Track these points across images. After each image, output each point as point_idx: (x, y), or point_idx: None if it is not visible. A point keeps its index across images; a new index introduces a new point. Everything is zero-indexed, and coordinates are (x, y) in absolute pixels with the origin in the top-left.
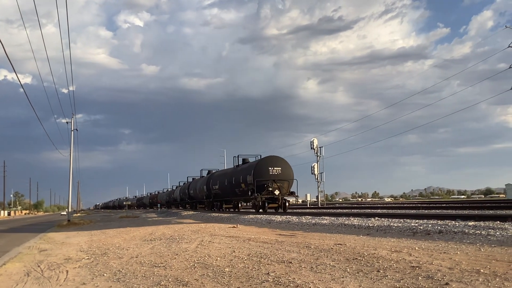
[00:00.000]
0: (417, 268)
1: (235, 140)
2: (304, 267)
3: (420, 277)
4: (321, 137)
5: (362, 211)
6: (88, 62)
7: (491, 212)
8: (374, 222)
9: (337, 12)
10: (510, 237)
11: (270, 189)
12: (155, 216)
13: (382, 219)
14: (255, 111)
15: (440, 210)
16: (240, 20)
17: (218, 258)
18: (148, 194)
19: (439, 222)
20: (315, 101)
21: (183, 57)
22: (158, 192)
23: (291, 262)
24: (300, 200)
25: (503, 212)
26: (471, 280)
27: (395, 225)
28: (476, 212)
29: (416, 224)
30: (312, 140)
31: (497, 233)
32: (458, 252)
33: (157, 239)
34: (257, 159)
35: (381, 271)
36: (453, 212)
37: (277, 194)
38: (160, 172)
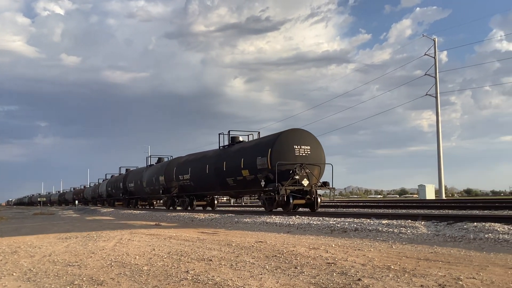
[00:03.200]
0: (332, 265)
1: (160, 136)
2: (224, 265)
3: (335, 273)
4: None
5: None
6: (3, 49)
7: (403, 211)
8: (295, 220)
9: (264, 12)
10: (420, 235)
11: (297, 177)
12: (73, 213)
13: (303, 217)
14: (181, 107)
15: (357, 209)
16: (167, 14)
17: (137, 257)
18: (72, 189)
19: (355, 220)
20: (242, 100)
21: (106, 49)
22: (84, 187)
23: (211, 260)
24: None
25: (415, 211)
26: (382, 276)
27: (314, 223)
28: (390, 211)
29: (334, 222)
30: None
31: (408, 231)
32: (372, 249)
33: (73, 237)
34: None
35: (299, 268)
36: (369, 210)
37: (306, 185)
38: (79, 167)
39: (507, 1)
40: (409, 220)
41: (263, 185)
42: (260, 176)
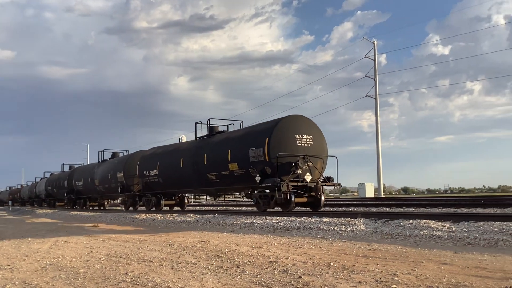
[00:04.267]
0: (274, 263)
1: (100, 134)
2: (165, 266)
3: (276, 272)
4: (191, 134)
5: (228, 208)
6: None
7: (344, 209)
8: (238, 219)
9: (209, 10)
10: (359, 233)
11: (299, 171)
12: (6, 214)
13: (246, 216)
14: (123, 105)
15: (299, 208)
16: (107, 9)
17: (74, 259)
18: (8, 189)
19: (298, 219)
20: (186, 98)
21: (43, 44)
22: (21, 186)
23: (151, 261)
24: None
25: (355, 209)
26: (322, 273)
27: (257, 222)
28: (331, 209)
29: (277, 221)
30: (181, 137)
31: (348, 229)
32: (313, 247)
33: (5, 239)
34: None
35: (241, 267)
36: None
37: (309, 180)
38: (16, 166)
39: (443, 7)
40: (349, 218)
41: (258, 181)
42: (253, 170)
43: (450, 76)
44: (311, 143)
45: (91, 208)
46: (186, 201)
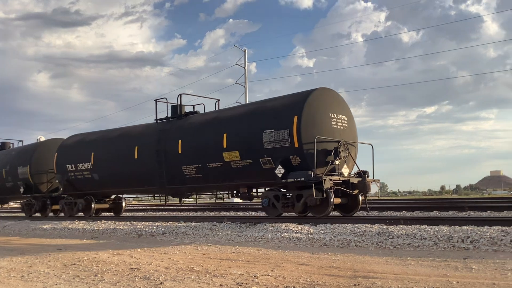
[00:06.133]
0: (135, 270)
1: None
2: (14, 276)
3: (137, 278)
4: (51, 135)
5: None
6: None
7: (212, 213)
8: (100, 225)
9: (74, 5)
10: (224, 236)
11: (337, 162)
12: None
13: (109, 222)
14: None
15: (166, 212)
16: None
17: None
18: None
19: (164, 224)
20: (47, 96)
21: None
22: None
23: None
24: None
25: (222, 213)
26: (184, 278)
27: (121, 228)
28: (198, 214)
29: (142, 227)
30: (38, 138)
31: (214, 233)
32: (178, 252)
33: None
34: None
35: (99, 275)
36: (179, 214)
37: (346, 174)
38: None
39: (308, 22)
40: (215, 222)
41: (280, 175)
42: (266, 160)
43: (314, 88)
44: (346, 125)
45: None
46: (123, 204)
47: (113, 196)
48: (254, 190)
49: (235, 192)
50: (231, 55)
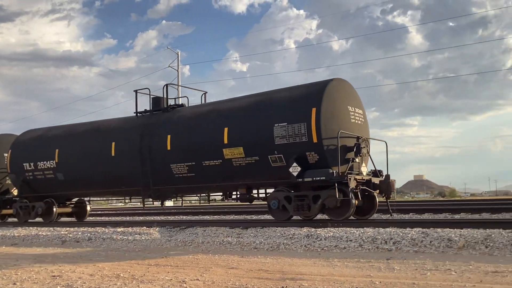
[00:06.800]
0: (58, 278)
1: None
2: None
3: (59, 286)
4: None
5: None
6: None
7: (141, 218)
8: (21, 231)
9: None
10: (153, 241)
11: (357, 160)
12: None
13: (30, 228)
14: None
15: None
16: None
17: None
18: None
19: (90, 229)
20: None
21: None
22: None
23: None
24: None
25: (152, 218)
26: (110, 285)
27: (43, 234)
28: (127, 218)
29: (66, 233)
30: None
31: (143, 237)
32: (104, 258)
33: None
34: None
35: (18, 284)
36: (107, 219)
37: (365, 172)
38: None
39: (242, 27)
40: (144, 227)
41: (296, 174)
42: (277, 158)
43: (247, 92)
44: (362, 120)
45: None
46: (88, 208)
47: (75, 199)
48: (254, 191)
49: (231, 193)
50: (164, 57)
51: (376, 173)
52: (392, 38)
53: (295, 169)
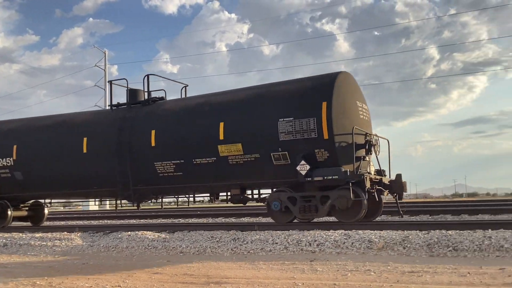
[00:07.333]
0: None
1: None
2: None
3: None
4: None
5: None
6: None
7: (62, 223)
8: None
9: None
10: (74, 247)
11: (367, 158)
12: None
13: None
14: None
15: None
16: None
17: None
18: None
19: (6, 235)
20: None
21: None
22: None
23: None
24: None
25: (74, 222)
26: None
27: None
28: (49, 223)
29: None
30: None
31: (63, 243)
32: (19, 266)
33: None
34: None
35: None
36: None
37: (372, 171)
38: None
39: (173, 28)
40: (65, 232)
41: (304, 173)
42: (280, 155)
43: (177, 95)
44: (368, 117)
45: None
46: (45, 211)
47: (30, 202)
48: (249, 192)
49: (219, 194)
50: (91, 56)
51: (380, 172)
52: (321, 45)
53: (303, 168)
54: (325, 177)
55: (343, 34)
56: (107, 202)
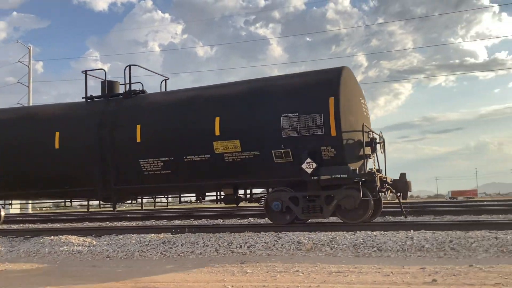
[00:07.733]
0: None
1: None
2: None
3: None
4: None
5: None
6: None
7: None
8: None
9: None
10: None
11: (372, 157)
12: None
13: None
14: None
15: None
16: None
17: None
18: None
19: None
20: None
21: None
22: None
23: None
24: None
25: None
26: None
27: None
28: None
29: None
30: None
31: None
32: None
33: None
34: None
35: None
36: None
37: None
38: None
39: (103, 25)
40: None
41: (310, 171)
42: (281, 153)
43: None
44: (369, 114)
45: None
46: (2, 213)
47: None
48: (241, 192)
49: (205, 194)
50: (14, 51)
51: (379, 171)
52: (255, 48)
53: (309, 166)
54: (333, 176)
55: (277, 39)
56: (29, 206)
